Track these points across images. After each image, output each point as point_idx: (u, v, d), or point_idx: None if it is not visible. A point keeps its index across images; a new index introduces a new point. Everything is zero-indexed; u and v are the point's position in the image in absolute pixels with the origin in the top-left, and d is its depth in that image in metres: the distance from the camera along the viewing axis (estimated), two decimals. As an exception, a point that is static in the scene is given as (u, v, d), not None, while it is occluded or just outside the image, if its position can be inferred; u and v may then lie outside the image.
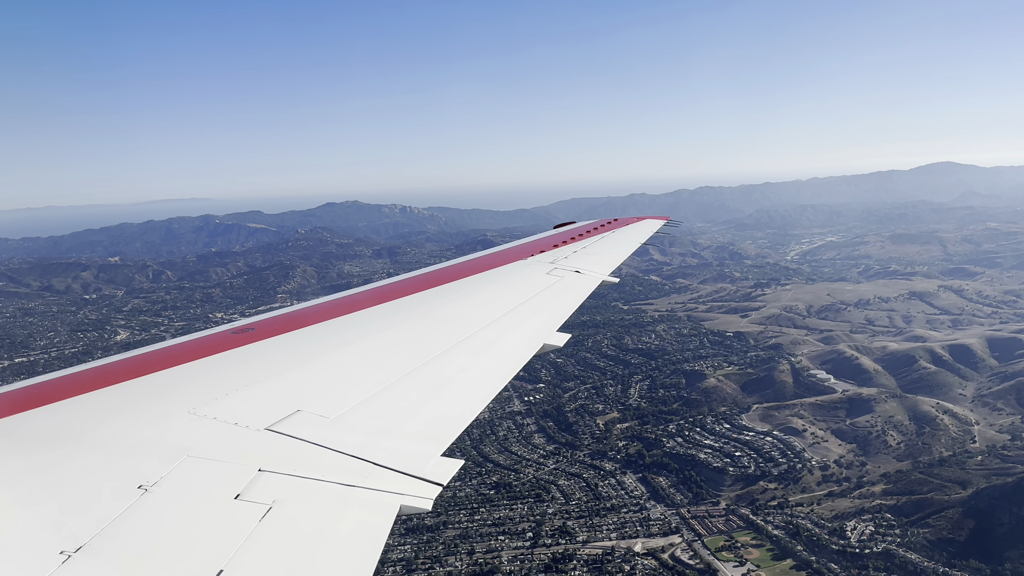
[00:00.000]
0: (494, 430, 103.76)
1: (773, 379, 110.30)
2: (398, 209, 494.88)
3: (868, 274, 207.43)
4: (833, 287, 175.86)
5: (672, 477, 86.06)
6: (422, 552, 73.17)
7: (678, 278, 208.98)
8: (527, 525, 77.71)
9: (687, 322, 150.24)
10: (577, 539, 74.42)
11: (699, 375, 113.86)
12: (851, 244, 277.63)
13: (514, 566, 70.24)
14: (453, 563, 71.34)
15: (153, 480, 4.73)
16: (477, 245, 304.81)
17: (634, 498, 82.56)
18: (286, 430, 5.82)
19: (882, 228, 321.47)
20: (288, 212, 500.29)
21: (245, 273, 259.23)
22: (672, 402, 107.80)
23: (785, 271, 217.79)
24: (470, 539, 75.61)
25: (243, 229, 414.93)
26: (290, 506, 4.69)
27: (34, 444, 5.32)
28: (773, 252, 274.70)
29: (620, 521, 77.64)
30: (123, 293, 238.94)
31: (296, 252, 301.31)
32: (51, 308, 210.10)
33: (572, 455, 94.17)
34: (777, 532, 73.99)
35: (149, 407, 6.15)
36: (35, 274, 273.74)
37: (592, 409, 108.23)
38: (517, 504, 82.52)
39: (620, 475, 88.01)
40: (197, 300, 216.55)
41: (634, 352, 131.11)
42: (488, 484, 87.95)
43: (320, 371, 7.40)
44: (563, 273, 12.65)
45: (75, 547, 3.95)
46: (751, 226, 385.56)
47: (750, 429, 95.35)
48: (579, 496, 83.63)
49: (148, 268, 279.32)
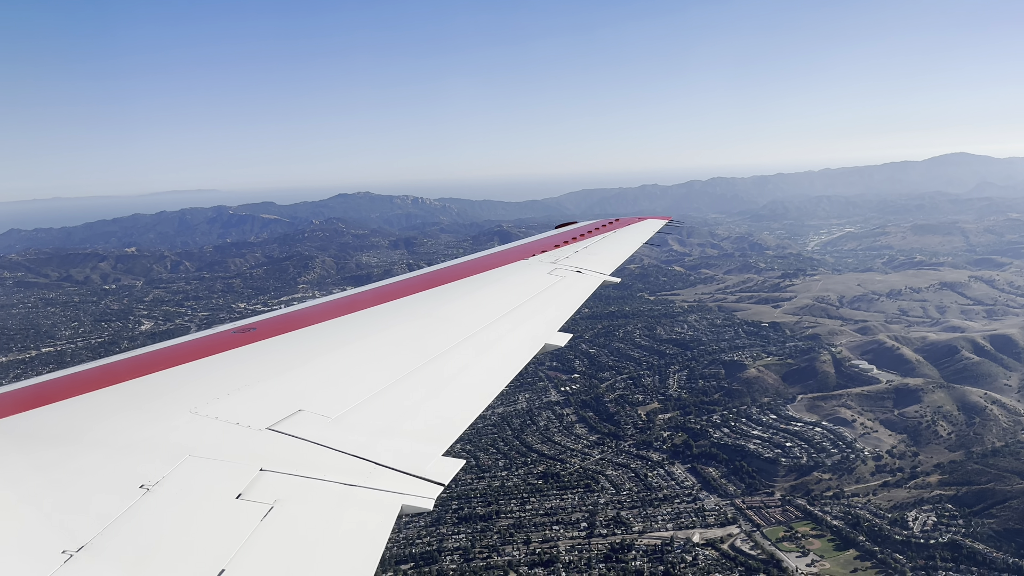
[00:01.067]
0: (534, 420, 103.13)
1: (815, 369, 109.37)
2: (410, 200, 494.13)
3: (893, 264, 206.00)
4: (862, 277, 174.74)
5: (722, 468, 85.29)
6: (478, 541, 72.69)
7: (702, 268, 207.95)
8: (580, 515, 77.15)
9: (718, 312, 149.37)
10: (633, 529, 73.82)
11: (739, 365, 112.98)
12: (871, 235, 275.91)
13: (572, 556, 69.74)
14: (511, 552, 70.87)
15: (155, 479, 4.74)
16: (494, 236, 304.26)
17: (685, 488, 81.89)
18: (287, 430, 5.83)
19: (900, 219, 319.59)
20: (300, 203, 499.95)
21: (264, 264, 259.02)
22: (713, 392, 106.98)
23: (810, 262, 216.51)
24: (525, 528, 75.09)
25: (256, 220, 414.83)
26: (292, 506, 4.69)
27: (36, 443, 5.32)
28: (793, 243, 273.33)
29: (674, 511, 77.03)
30: (142, 283, 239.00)
31: (312, 243, 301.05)
32: (72, 298, 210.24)
33: (617, 445, 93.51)
34: (836, 522, 73.26)
35: (151, 406, 6.19)
36: (53, 264, 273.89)
37: (632, 399, 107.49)
38: (567, 494, 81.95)
39: (668, 465, 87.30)
40: (218, 290, 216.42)
41: (668, 342, 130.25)
42: (535, 474, 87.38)
43: (321, 371, 7.45)
44: (564, 273, 12.66)
45: (77, 546, 3.94)
46: (766, 217, 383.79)
47: (798, 419, 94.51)
48: (629, 486, 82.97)
49: (166, 259, 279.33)
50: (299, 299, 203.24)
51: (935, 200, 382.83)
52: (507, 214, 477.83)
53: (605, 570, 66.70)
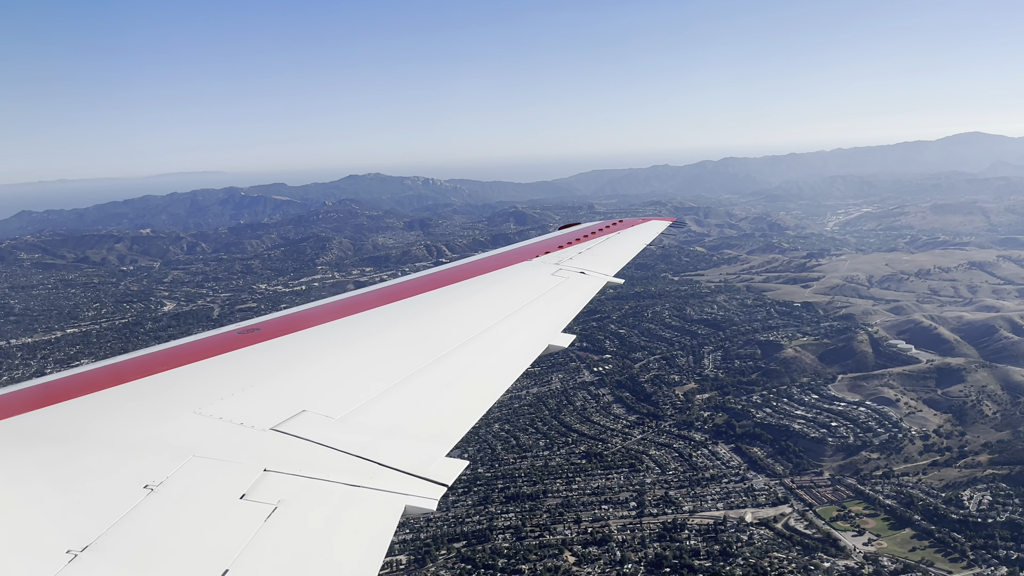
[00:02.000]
0: (570, 400, 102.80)
1: (852, 349, 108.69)
2: (420, 181, 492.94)
3: (916, 244, 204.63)
4: (889, 257, 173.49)
5: (767, 448, 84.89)
6: (528, 520, 72.56)
7: (724, 249, 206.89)
8: (628, 495, 76.95)
9: (747, 292, 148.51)
10: (683, 509, 73.61)
11: (775, 345, 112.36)
12: (890, 215, 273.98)
13: (624, 535, 69.57)
14: (562, 531, 70.72)
15: (159, 480, 4.74)
16: (509, 217, 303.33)
17: (731, 468, 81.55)
18: (291, 430, 5.84)
19: (917, 199, 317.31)
20: (311, 184, 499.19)
21: (280, 245, 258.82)
22: (750, 372, 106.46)
23: (832, 242, 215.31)
24: (573, 508, 74.95)
25: (269, 201, 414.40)
26: (295, 506, 4.69)
27: (41, 443, 5.32)
28: (811, 223, 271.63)
29: (724, 491, 76.74)
30: (159, 265, 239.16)
31: (327, 224, 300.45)
32: (91, 279, 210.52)
33: (657, 425, 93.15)
34: (890, 502, 72.90)
35: (155, 407, 6.20)
36: (68, 246, 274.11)
37: (668, 380, 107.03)
38: (612, 474, 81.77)
39: (712, 445, 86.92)
40: (237, 272, 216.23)
41: (699, 323, 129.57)
42: (577, 454, 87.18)
43: (325, 371, 7.49)
44: (568, 274, 12.68)
45: (81, 546, 3.94)
46: (781, 197, 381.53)
47: (840, 399, 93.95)
48: (674, 466, 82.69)
49: (182, 240, 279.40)
50: (319, 280, 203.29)
51: (951, 180, 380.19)
52: (517, 195, 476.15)
53: (660, 549, 66.52)
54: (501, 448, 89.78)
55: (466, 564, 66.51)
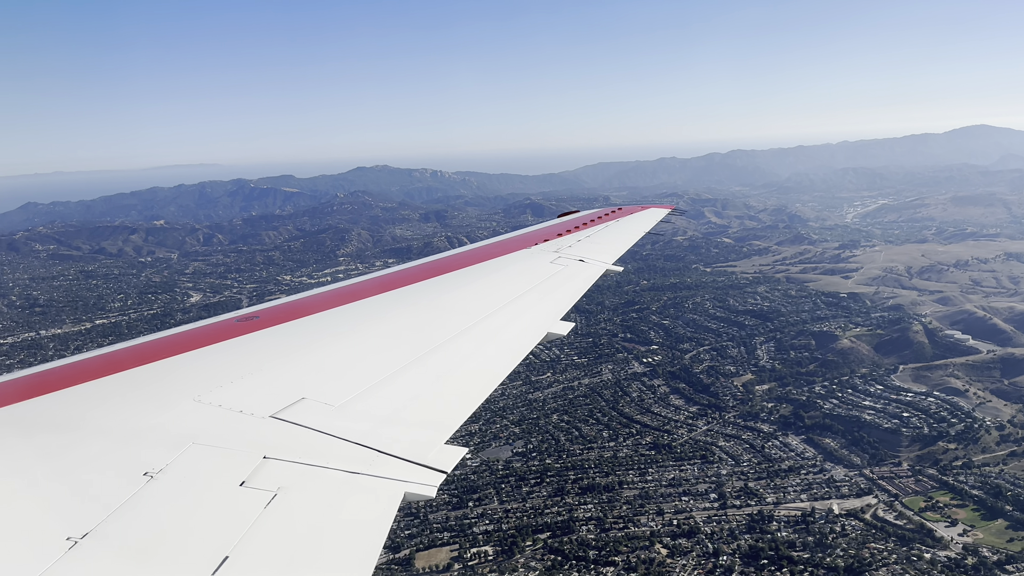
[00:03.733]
0: (625, 391, 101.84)
1: (909, 340, 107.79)
2: (429, 173, 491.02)
3: (944, 236, 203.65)
4: (923, 248, 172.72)
5: (839, 438, 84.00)
6: (608, 511, 71.60)
7: (752, 240, 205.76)
8: (705, 486, 76.02)
9: (787, 283, 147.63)
10: (766, 500, 72.74)
11: (830, 336, 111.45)
12: (910, 207, 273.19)
13: (712, 527, 68.66)
14: (646, 523, 69.78)
15: (159, 467, 4.74)
16: (526, 209, 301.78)
17: (807, 459, 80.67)
18: (291, 418, 5.83)
19: (932, 191, 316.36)
20: (319, 176, 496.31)
21: (298, 236, 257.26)
22: (807, 363, 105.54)
23: (859, 233, 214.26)
24: (652, 499, 74.01)
25: (279, 193, 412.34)
26: (295, 493, 4.69)
27: (40, 431, 5.28)
28: (831, 214, 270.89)
29: (804, 482, 75.85)
30: (177, 256, 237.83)
31: (342, 216, 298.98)
32: (111, 271, 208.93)
33: (722, 416, 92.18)
34: (977, 492, 72.03)
35: (154, 394, 6.16)
36: (83, 237, 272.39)
37: (723, 370, 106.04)
38: (684, 465, 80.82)
39: (782, 437, 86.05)
40: (259, 263, 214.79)
41: (745, 313, 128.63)
42: (644, 445, 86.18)
43: (325, 359, 7.44)
44: (567, 262, 12.70)
45: (81, 533, 3.97)
46: (793, 189, 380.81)
47: (906, 390, 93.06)
48: (747, 458, 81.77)
49: (198, 231, 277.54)
50: (343, 271, 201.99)
51: (964, 172, 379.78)
52: (525, 187, 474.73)
53: (753, 540, 65.64)
54: (565, 439, 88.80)
55: (555, 555, 65.52)
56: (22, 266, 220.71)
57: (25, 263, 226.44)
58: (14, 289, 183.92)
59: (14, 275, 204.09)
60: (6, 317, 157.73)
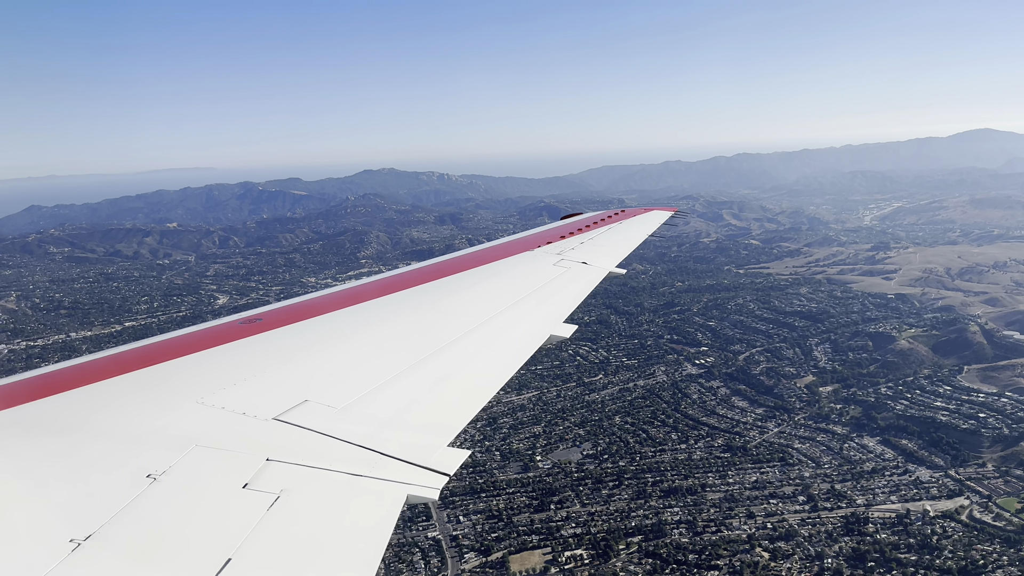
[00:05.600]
0: (684, 393, 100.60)
1: (967, 340, 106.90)
2: (436, 176, 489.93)
3: (971, 238, 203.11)
4: (958, 250, 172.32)
5: (916, 440, 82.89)
6: (698, 515, 70.37)
7: (780, 242, 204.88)
8: (791, 488, 74.86)
9: (828, 284, 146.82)
10: (856, 502, 71.62)
11: (886, 337, 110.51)
12: (928, 209, 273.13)
13: (807, 529, 67.51)
14: (739, 526, 68.57)
15: (162, 469, 4.76)
16: (542, 212, 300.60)
17: (888, 461, 79.57)
18: (294, 420, 5.81)
19: (945, 194, 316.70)
20: (326, 179, 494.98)
21: (315, 239, 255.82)
22: (867, 364, 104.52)
23: (885, 235, 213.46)
24: (739, 502, 72.79)
25: (288, 196, 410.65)
26: (298, 495, 4.70)
27: (45, 433, 5.27)
28: (848, 217, 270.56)
29: (891, 484, 74.73)
30: (194, 258, 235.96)
31: (356, 218, 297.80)
32: (131, 273, 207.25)
33: (791, 418, 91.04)
34: (1072, 494, 71.16)
35: (158, 396, 6.14)
36: (96, 240, 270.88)
37: (783, 372, 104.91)
38: (764, 467, 79.65)
39: (857, 438, 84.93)
40: (280, 265, 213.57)
41: (793, 315, 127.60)
42: (718, 447, 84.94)
43: (328, 361, 7.40)
44: (570, 264, 12.70)
45: (85, 535, 3.99)
46: (804, 192, 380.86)
47: (976, 391, 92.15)
48: (827, 460, 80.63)
49: (213, 234, 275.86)
50: (366, 273, 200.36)
51: (975, 175, 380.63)
52: (531, 190, 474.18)
53: (853, 543, 64.51)
54: (633, 441, 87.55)
55: (652, 559, 64.28)
56: (39, 268, 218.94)
57: (41, 265, 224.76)
58: (35, 292, 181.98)
59: (32, 277, 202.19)
60: (32, 320, 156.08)
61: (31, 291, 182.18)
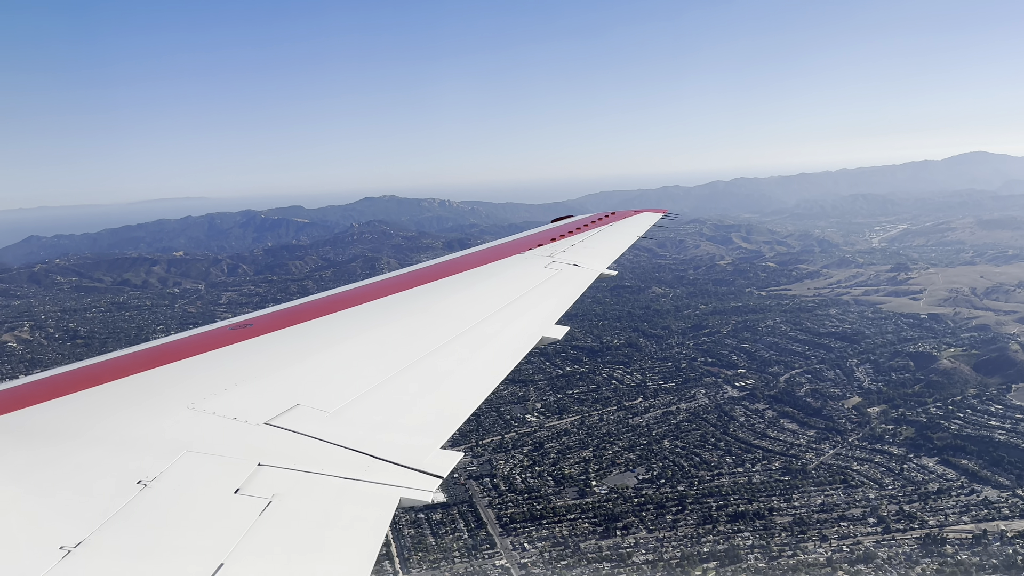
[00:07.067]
0: (730, 415, 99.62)
1: (1010, 359, 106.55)
2: (437, 203, 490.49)
3: (987, 258, 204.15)
4: (980, 270, 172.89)
5: (976, 459, 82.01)
6: (770, 539, 69.20)
7: (797, 264, 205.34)
8: (859, 510, 73.78)
9: (857, 305, 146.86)
10: (929, 523, 70.62)
11: (928, 357, 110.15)
12: (936, 231, 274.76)
13: (884, 551, 66.42)
14: (812, 549, 67.40)
15: (153, 475, 4.73)
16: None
17: (950, 481, 78.69)
18: (285, 424, 5.80)
19: (950, 216, 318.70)
20: (328, 207, 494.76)
21: (326, 266, 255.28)
22: (911, 384, 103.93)
23: (902, 257, 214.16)
24: (807, 525, 71.65)
25: (291, 224, 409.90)
26: (290, 500, 4.69)
27: (33, 440, 5.22)
28: (858, 239, 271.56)
29: (960, 504, 73.71)
30: (204, 287, 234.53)
31: (364, 245, 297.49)
32: (143, 302, 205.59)
33: (844, 440, 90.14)
34: None
35: (148, 402, 6.10)
36: (102, 269, 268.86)
37: (827, 393, 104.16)
38: (827, 489, 78.60)
39: (915, 459, 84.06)
40: (294, 292, 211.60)
41: (828, 336, 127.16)
42: (776, 470, 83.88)
43: (319, 366, 7.38)
44: (561, 267, 12.75)
45: (75, 542, 3.97)
46: (805, 216, 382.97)
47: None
48: (889, 481, 79.69)
49: (221, 262, 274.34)
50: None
51: (976, 197, 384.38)
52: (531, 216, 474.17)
53: (936, 564, 63.44)
54: (688, 465, 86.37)
55: (732, 586, 63.01)
56: (47, 298, 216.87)
57: (50, 295, 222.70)
58: (47, 321, 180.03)
59: (43, 307, 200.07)
60: (48, 350, 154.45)
61: (43, 321, 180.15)
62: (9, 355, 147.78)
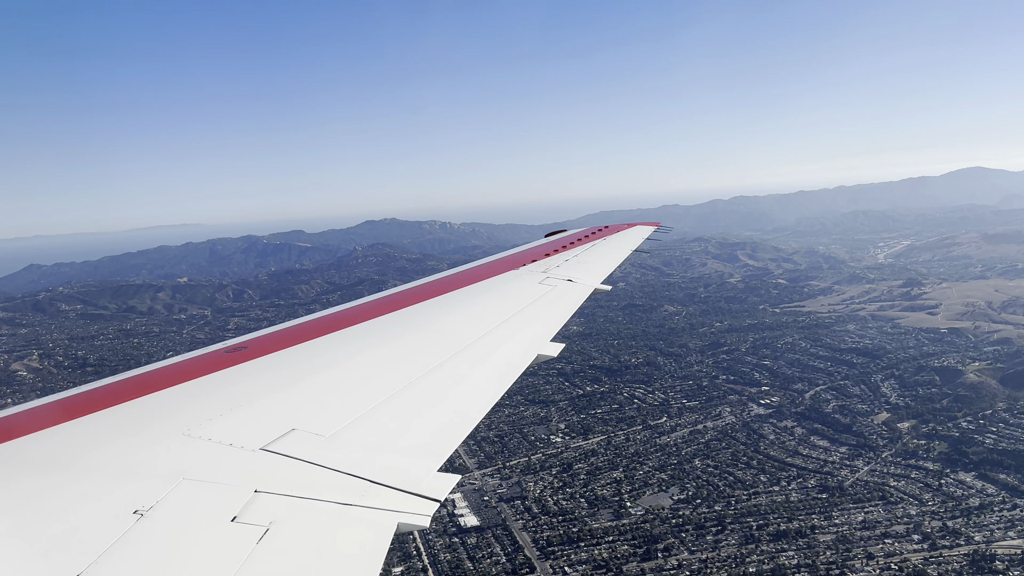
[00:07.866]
0: (759, 433, 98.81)
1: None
2: (438, 225, 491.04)
3: (998, 272, 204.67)
4: (993, 284, 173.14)
5: (1014, 474, 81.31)
6: (815, 558, 68.17)
7: (809, 281, 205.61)
8: (902, 527, 72.88)
9: (874, 321, 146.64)
10: (975, 539, 69.69)
11: (953, 371, 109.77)
12: (941, 246, 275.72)
13: (933, 568, 65.43)
14: (860, 567, 66.38)
15: (149, 504, 4.67)
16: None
17: (991, 496, 77.88)
18: (281, 450, 5.76)
19: (953, 231, 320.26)
20: (329, 231, 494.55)
21: (332, 289, 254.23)
22: (939, 399, 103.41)
23: (911, 272, 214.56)
24: (851, 543, 70.65)
25: (293, 248, 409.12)
26: (287, 527, 4.64)
27: (26, 472, 5.14)
28: (863, 255, 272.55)
29: (1004, 519, 72.90)
30: (211, 312, 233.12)
31: (369, 268, 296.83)
32: (150, 328, 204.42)
33: (878, 456, 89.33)
34: None
35: (143, 430, 6.03)
36: (106, 296, 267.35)
37: (855, 409, 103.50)
38: (867, 506, 77.68)
39: (952, 474, 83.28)
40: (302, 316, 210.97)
41: (849, 352, 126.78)
42: (813, 488, 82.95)
43: (314, 388, 7.30)
44: (555, 282, 12.70)
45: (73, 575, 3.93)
46: (807, 232, 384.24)
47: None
48: (928, 496, 78.84)
49: (227, 287, 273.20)
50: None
51: (976, 212, 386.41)
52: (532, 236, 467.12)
53: (990, 583, 62.50)
54: (722, 484, 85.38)
55: (782, 606, 61.89)
56: (54, 326, 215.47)
57: (56, 323, 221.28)
58: (55, 350, 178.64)
59: (50, 335, 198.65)
60: (57, 378, 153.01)
61: (52, 349, 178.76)
62: (20, 384, 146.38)
